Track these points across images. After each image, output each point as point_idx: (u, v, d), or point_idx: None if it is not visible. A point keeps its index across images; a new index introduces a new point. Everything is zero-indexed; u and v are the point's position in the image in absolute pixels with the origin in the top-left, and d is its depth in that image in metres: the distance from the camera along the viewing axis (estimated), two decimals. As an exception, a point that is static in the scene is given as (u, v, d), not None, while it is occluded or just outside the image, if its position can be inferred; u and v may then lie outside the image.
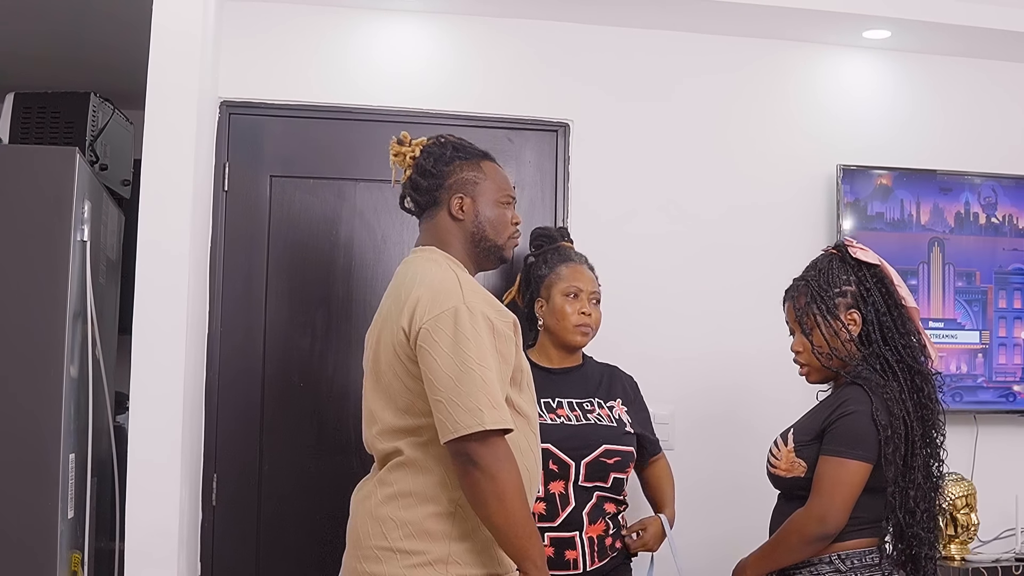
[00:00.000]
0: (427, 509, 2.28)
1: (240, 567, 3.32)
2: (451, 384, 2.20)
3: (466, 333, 2.22)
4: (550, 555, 2.82)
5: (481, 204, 2.46)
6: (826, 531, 2.43)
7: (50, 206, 2.63)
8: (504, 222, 2.49)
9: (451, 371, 2.20)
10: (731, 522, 3.38)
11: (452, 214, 2.45)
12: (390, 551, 2.27)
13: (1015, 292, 3.80)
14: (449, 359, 2.21)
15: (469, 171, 2.48)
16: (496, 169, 2.53)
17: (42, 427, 2.56)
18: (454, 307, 2.24)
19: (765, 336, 3.43)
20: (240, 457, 3.32)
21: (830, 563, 2.46)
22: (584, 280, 3.02)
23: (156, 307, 2.77)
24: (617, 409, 2.98)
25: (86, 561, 2.77)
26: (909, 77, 3.88)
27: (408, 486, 2.30)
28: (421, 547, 2.26)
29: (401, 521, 2.28)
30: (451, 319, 2.23)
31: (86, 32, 3.61)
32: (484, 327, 2.25)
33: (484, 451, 2.18)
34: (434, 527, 2.27)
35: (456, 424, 2.18)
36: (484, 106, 3.55)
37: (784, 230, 3.69)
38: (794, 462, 2.51)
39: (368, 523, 2.32)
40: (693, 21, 3.64)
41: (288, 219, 3.43)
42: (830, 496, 2.42)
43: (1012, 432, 3.80)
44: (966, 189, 3.78)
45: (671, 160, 3.67)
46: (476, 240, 2.46)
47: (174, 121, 2.84)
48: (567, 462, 2.84)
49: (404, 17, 3.55)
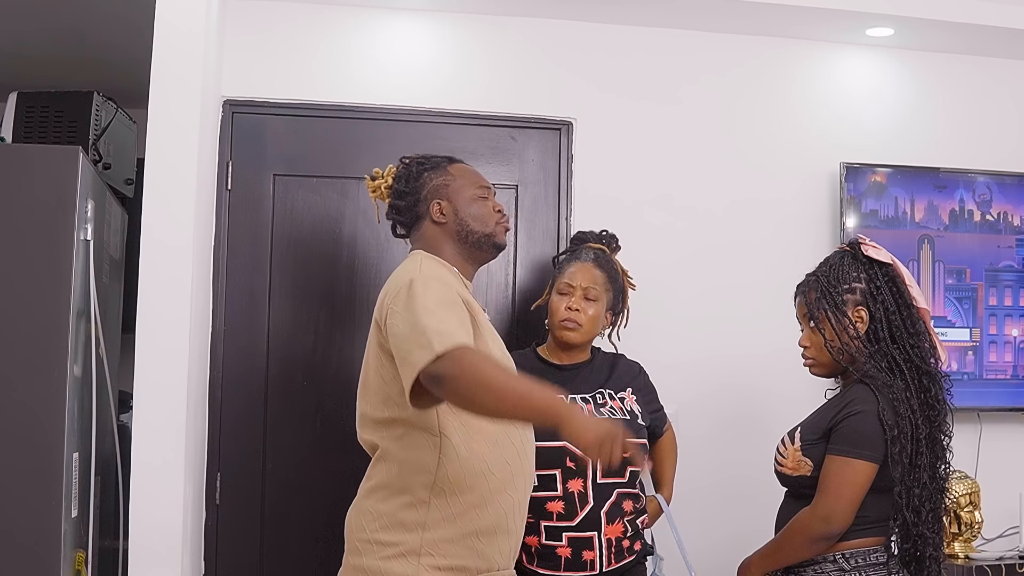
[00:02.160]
0: (400, 500, 2.33)
1: (243, 565, 3.32)
2: (405, 334, 2.24)
3: (416, 291, 2.29)
4: (567, 555, 2.82)
5: (458, 203, 2.57)
6: (831, 531, 2.43)
7: (53, 205, 2.64)
8: (485, 212, 2.59)
9: (407, 325, 2.25)
10: (738, 519, 3.39)
11: (434, 220, 2.57)
12: (368, 543, 2.34)
13: (1006, 289, 3.79)
14: (405, 317, 2.27)
15: (438, 178, 2.60)
16: (463, 168, 2.66)
17: (46, 426, 2.56)
18: (410, 279, 2.33)
19: (770, 332, 3.45)
20: (243, 455, 3.32)
21: (834, 562, 2.46)
22: (580, 277, 3.01)
23: (159, 306, 2.78)
24: (628, 400, 2.98)
25: (90, 560, 2.77)
26: (912, 75, 3.87)
27: (384, 478, 2.37)
28: (395, 538, 2.31)
29: (378, 513, 2.35)
30: (406, 288, 2.31)
31: (89, 31, 3.61)
32: (439, 284, 2.33)
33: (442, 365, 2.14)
34: (407, 518, 2.32)
35: (414, 364, 2.18)
36: (487, 104, 3.55)
37: (787, 227, 3.69)
38: (800, 460, 2.51)
39: (353, 517, 2.42)
40: (697, 19, 3.64)
41: (291, 217, 3.43)
42: (835, 496, 2.42)
43: (1017, 430, 3.80)
44: (961, 186, 3.77)
45: (674, 158, 3.67)
46: (463, 236, 2.56)
47: (177, 120, 2.84)
48: (583, 458, 2.84)
49: (407, 15, 3.55)
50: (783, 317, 2.74)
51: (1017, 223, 3.81)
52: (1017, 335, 3.78)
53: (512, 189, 3.55)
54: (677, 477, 3.20)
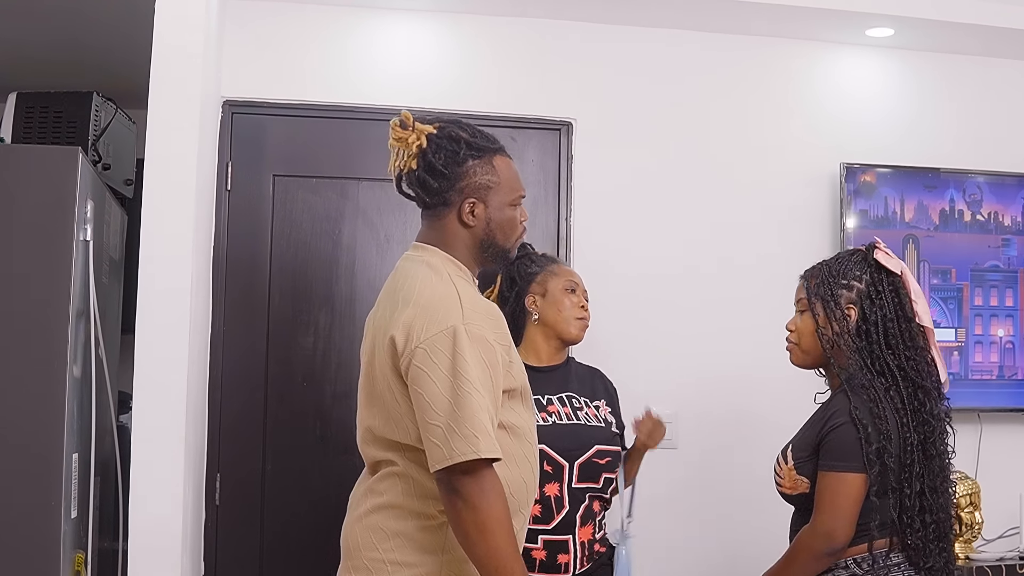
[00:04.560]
0: (419, 522, 2.20)
1: (243, 566, 3.32)
2: (449, 409, 2.08)
3: (465, 356, 2.11)
4: (542, 558, 2.83)
5: (493, 209, 2.31)
6: (834, 546, 2.41)
7: (53, 206, 2.63)
8: (514, 225, 2.36)
9: (449, 395, 2.09)
10: (734, 524, 3.39)
11: (463, 219, 2.30)
12: (382, 563, 2.19)
13: (991, 289, 3.78)
14: (448, 383, 2.09)
15: (483, 173, 2.31)
16: (509, 165, 2.38)
17: (45, 427, 2.56)
18: (453, 327, 2.13)
19: (767, 332, 3.44)
20: (243, 456, 3.32)
21: (846, 568, 2.45)
22: (578, 277, 3.03)
23: (159, 307, 2.77)
24: (603, 409, 2.98)
25: (89, 561, 2.77)
26: (913, 75, 3.87)
27: (399, 498, 2.22)
28: (413, 559, 2.18)
29: (392, 532, 2.20)
30: (450, 340, 2.12)
31: (88, 32, 3.60)
32: (484, 351, 2.15)
33: (469, 481, 2.07)
34: (426, 540, 2.19)
35: (452, 451, 2.06)
36: (487, 105, 3.55)
37: (787, 227, 3.69)
38: (797, 479, 2.50)
39: (359, 533, 2.25)
40: (697, 20, 3.64)
41: (291, 218, 3.43)
42: (831, 512, 2.41)
43: (1017, 430, 3.80)
44: (951, 186, 3.76)
45: (674, 158, 3.67)
46: (485, 245, 2.33)
47: (177, 120, 2.84)
48: (561, 463, 2.84)
49: (407, 16, 3.55)
50: (782, 319, 2.73)
51: (1008, 223, 3.80)
52: (1003, 335, 3.77)
53: (512, 189, 3.54)
54: (671, 480, 3.18)
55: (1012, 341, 3.77)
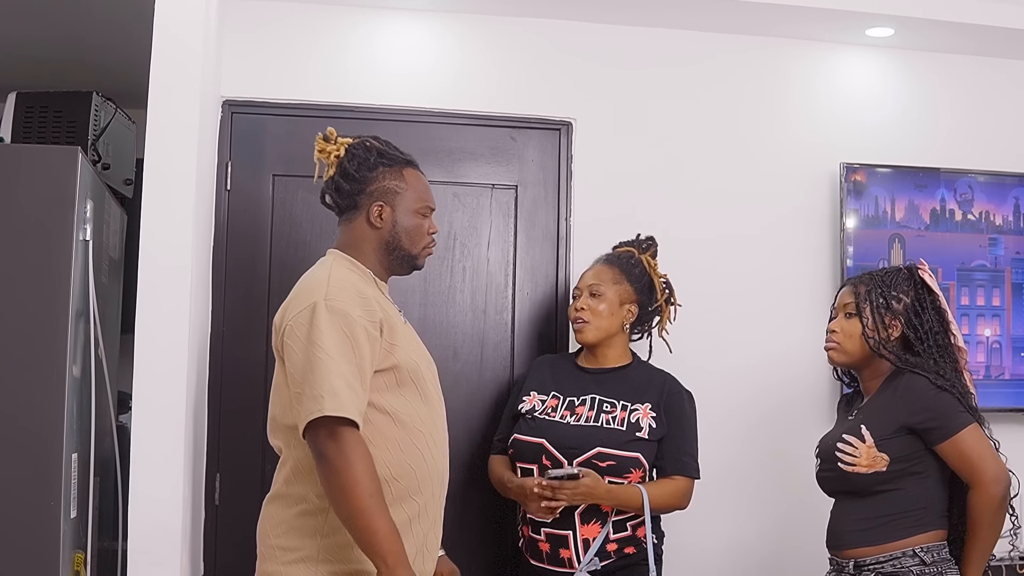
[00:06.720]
0: (299, 507, 2.34)
1: (242, 567, 3.28)
2: (302, 376, 2.25)
3: (320, 327, 2.26)
4: (547, 550, 2.85)
5: (400, 213, 2.51)
6: (1006, 488, 2.54)
7: (52, 205, 2.63)
8: (421, 232, 2.55)
9: (303, 363, 2.26)
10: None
11: (370, 221, 2.50)
12: (273, 548, 2.36)
13: (978, 289, 3.76)
14: (304, 352, 2.26)
15: (391, 179, 2.53)
16: (419, 177, 2.58)
17: (44, 427, 2.56)
18: (313, 303, 2.30)
19: (769, 329, 3.45)
20: (242, 456, 3.32)
21: (914, 555, 2.51)
22: (586, 277, 3.11)
23: (158, 306, 2.77)
24: (639, 413, 2.97)
25: (89, 561, 2.77)
26: (913, 75, 3.87)
27: (282, 487, 2.39)
28: (295, 544, 2.33)
29: (280, 519, 2.36)
30: (309, 314, 2.29)
31: (88, 31, 3.60)
32: (344, 322, 2.28)
33: (330, 444, 2.21)
34: (305, 524, 2.33)
35: (301, 413, 2.24)
36: (487, 105, 3.55)
37: (787, 227, 3.69)
38: (876, 456, 2.57)
39: (262, 522, 2.43)
40: (696, 20, 3.64)
41: (290, 218, 3.43)
42: (983, 459, 2.53)
43: (1017, 430, 3.78)
44: (942, 186, 3.75)
45: (674, 158, 3.67)
46: (390, 248, 2.52)
47: (176, 120, 2.84)
48: (560, 460, 2.87)
49: (407, 16, 3.55)
50: (783, 316, 2.74)
51: (999, 222, 3.79)
52: (990, 335, 3.76)
53: (512, 189, 3.54)
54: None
55: (999, 341, 3.75)
